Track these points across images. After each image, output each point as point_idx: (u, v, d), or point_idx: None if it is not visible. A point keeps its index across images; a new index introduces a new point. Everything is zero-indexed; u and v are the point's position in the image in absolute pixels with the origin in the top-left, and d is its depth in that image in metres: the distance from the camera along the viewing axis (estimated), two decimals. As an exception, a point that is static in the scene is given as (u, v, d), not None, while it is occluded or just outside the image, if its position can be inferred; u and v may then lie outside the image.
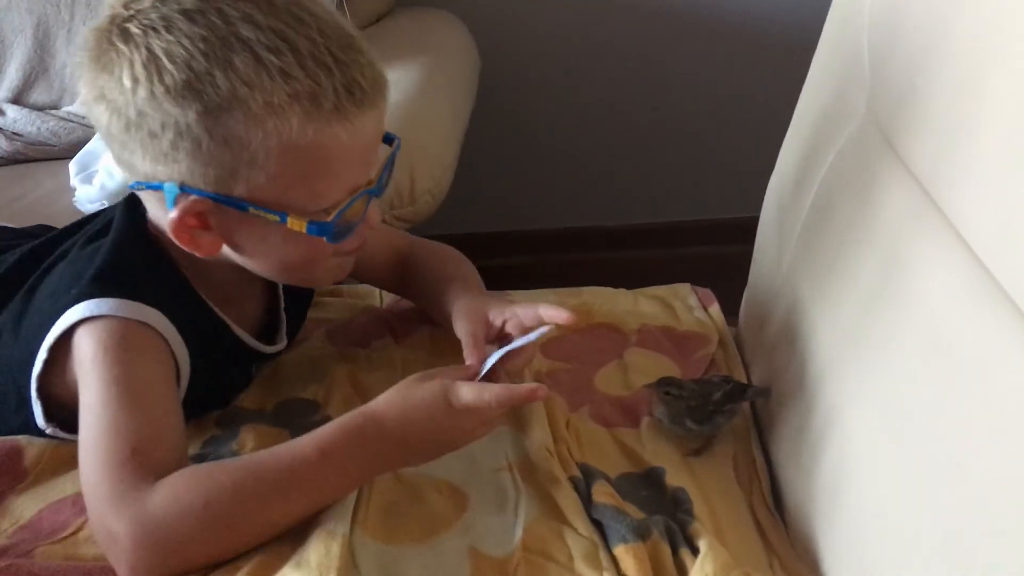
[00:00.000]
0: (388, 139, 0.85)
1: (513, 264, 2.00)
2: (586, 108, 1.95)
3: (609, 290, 1.20)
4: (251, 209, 0.77)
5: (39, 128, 1.61)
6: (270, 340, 0.98)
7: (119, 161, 0.81)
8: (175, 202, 0.78)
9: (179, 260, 0.86)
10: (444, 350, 1.01)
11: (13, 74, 1.64)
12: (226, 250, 0.83)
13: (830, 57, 1.01)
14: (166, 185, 0.77)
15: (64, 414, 0.85)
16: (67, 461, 0.85)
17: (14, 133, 1.62)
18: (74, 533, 0.78)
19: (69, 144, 1.58)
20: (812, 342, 0.88)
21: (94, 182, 1.41)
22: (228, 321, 0.91)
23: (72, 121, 1.62)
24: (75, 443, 0.81)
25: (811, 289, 0.90)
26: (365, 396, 0.93)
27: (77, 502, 0.81)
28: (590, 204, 2.06)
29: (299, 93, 0.73)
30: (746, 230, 1.21)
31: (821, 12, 1.06)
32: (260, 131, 0.74)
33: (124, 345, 0.79)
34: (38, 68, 1.64)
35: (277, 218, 0.77)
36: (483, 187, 1.98)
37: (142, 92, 0.74)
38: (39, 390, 0.84)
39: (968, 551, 0.57)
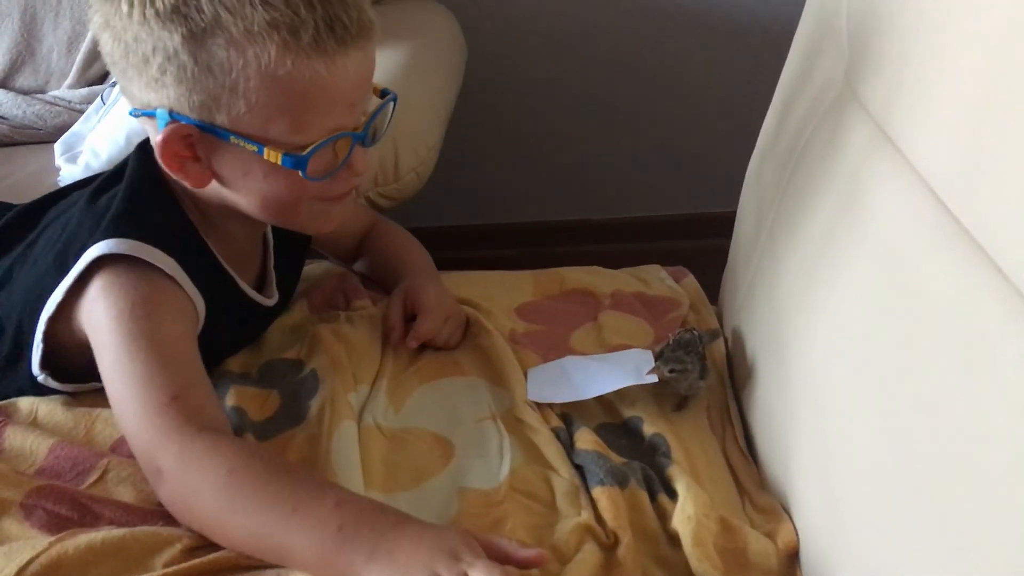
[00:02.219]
0: (385, 94, 0.88)
1: (494, 256, 2.00)
2: (570, 101, 1.96)
3: (583, 268, 1.22)
4: (232, 138, 0.80)
5: (25, 112, 1.62)
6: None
7: (123, 91, 0.84)
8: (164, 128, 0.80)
9: (189, 208, 0.88)
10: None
11: (0, 58, 1.65)
12: (216, 186, 0.85)
13: (810, 30, 1.03)
14: (158, 111, 0.80)
15: (60, 362, 0.86)
16: (65, 403, 0.86)
17: (0, 117, 1.62)
18: (102, 477, 0.79)
19: (55, 128, 1.59)
20: (776, 293, 0.91)
21: (79, 162, 1.42)
22: (234, 274, 0.92)
23: (58, 105, 1.62)
24: (62, 395, 0.82)
25: (784, 252, 0.93)
26: (351, 351, 0.95)
27: (90, 443, 0.82)
28: (573, 197, 2.06)
29: (278, 22, 0.76)
30: (727, 225, 1.22)
31: (801, 7, 1.07)
32: (241, 58, 0.76)
33: (146, 301, 0.81)
34: (25, 52, 1.65)
35: (255, 148, 0.80)
36: (465, 179, 1.98)
37: (136, 16, 0.77)
38: (44, 333, 0.84)
39: (932, 485, 0.58)
